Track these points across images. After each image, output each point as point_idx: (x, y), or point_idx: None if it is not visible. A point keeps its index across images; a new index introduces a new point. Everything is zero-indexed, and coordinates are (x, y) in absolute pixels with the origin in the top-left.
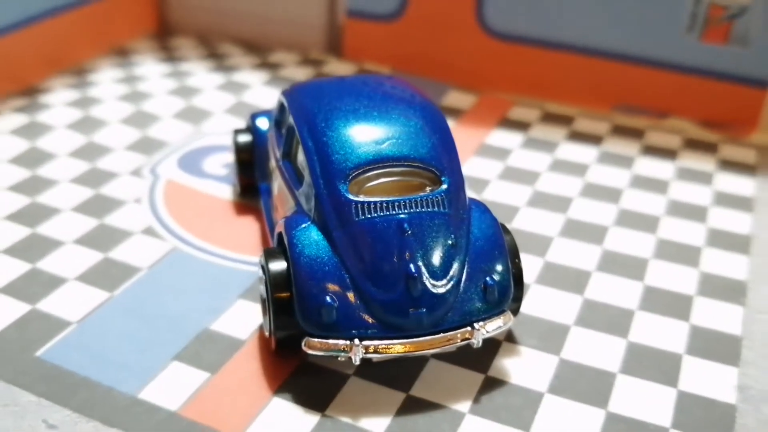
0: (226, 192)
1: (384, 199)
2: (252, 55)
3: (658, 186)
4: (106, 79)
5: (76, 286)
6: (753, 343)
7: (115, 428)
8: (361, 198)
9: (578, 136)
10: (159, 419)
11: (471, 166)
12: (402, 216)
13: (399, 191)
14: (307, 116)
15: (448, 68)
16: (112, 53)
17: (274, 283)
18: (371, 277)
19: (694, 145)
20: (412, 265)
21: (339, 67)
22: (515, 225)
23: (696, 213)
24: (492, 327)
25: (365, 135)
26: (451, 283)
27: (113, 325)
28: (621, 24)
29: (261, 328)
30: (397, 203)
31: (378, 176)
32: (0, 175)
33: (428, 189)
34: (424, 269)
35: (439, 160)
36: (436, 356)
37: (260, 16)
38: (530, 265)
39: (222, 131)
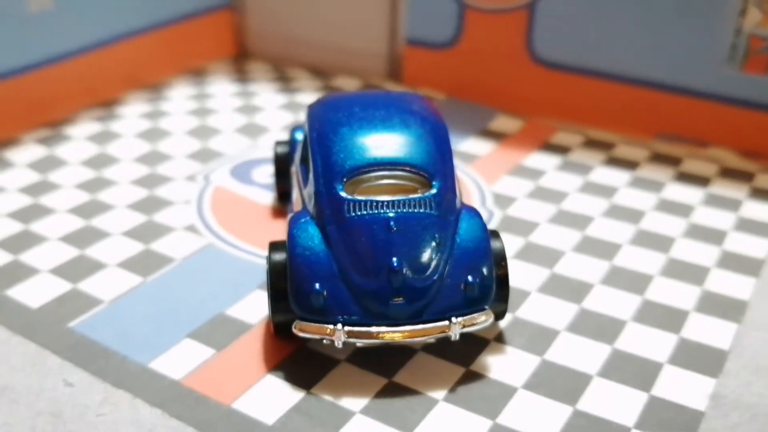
0: (267, 198)
1: (374, 198)
2: (317, 79)
3: (682, 210)
4: (179, 96)
5: (115, 271)
6: (739, 357)
7: (122, 390)
8: (354, 197)
9: (615, 161)
10: (162, 385)
11: (501, 185)
12: (390, 215)
13: (391, 193)
14: (318, 123)
15: (497, 94)
16: (189, 74)
17: (274, 271)
18: (358, 269)
19: (730, 174)
20: (394, 259)
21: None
22: (531, 239)
23: (714, 236)
24: (470, 323)
25: (365, 140)
26: (432, 277)
27: (140, 305)
28: (663, 54)
29: (269, 315)
30: (386, 203)
31: (373, 178)
32: (69, 174)
33: (418, 192)
34: (406, 263)
35: (432, 166)
36: (424, 348)
37: (327, 45)
38: (535, 275)
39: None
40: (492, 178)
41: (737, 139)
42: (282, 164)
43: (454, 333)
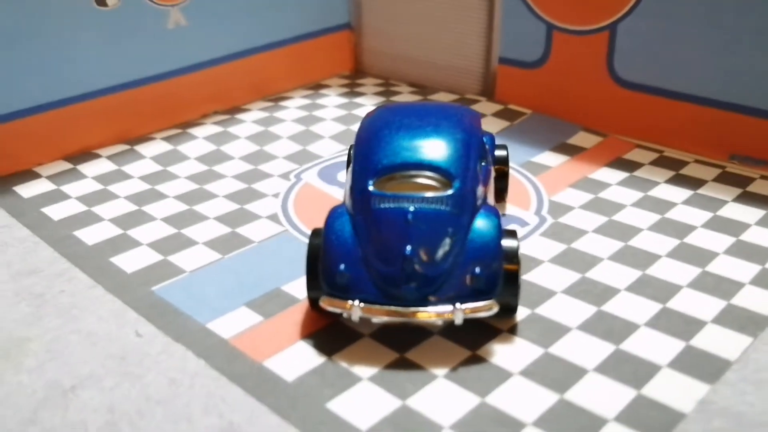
0: None
1: (397, 193)
2: (417, 93)
3: (732, 228)
4: (293, 106)
5: (201, 248)
6: (743, 368)
7: (179, 344)
8: (381, 191)
9: (681, 179)
10: (212, 342)
11: (561, 195)
12: (410, 209)
13: (416, 190)
14: (364, 130)
15: (580, 111)
16: (308, 87)
17: (311, 254)
18: (377, 254)
19: None
20: (408, 248)
21: (486, 107)
22: (574, 245)
23: (759, 255)
24: (472, 310)
25: (399, 144)
26: (442, 267)
27: (214, 277)
28: (738, 75)
29: None
30: (407, 198)
31: (401, 177)
32: (185, 167)
33: (439, 190)
34: (418, 252)
35: (455, 169)
36: (440, 332)
37: (429, 62)
38: (565, 278)
39: None
40: (555, 188)
41: None
42: None
43: (457, 318)
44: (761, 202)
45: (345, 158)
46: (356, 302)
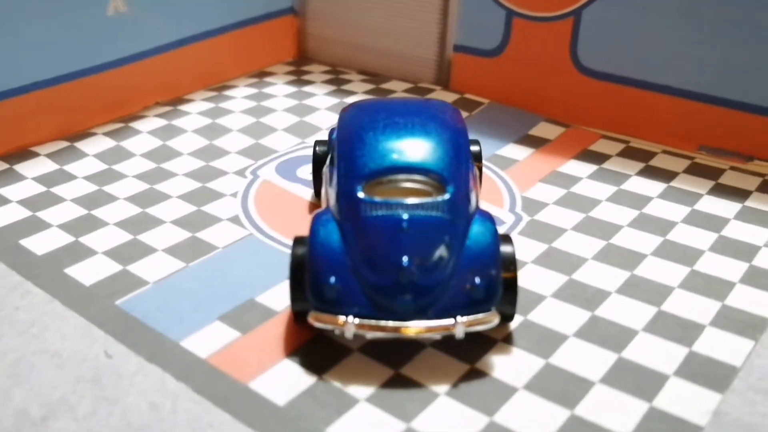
0: (307, 194)
1: (389, 200)
2: (369, 83)
3: (714, 223)
4: (240, 95)
5: (162, 256)
6: (748, 376)
7: (154, 364)
8: (371, 197)
9: (652, 171)
10: (190, 362)
11: (534, 191)
12: (403, 216)
13: (407, 195)
14: (345, 128)
15: (541, 101)
16: (252, 75)
17: (295, 264)
18: (369, 265)
19: None
20: (404, 258)
21: (442, 96)
22: (555, 245)
23: (743, 251)
24: (474, 322)
25: (385, 145)
26: (439, 277)
27: (180, 288)
28: (709, 66)
29: None
30: (400, 205)
31: (390, 181)
32: (132, 166)
33: (433, 195)
34: (413, 262)
35: (448, 172)
36: (433, 344)
37: (381, 50)
38: (553, 280)
39: None
40: (526, 184)
41: None
42: (320, 163)
43: (459, 331)
44: (735, 194)
45: (304, 152)
46: (350, 318)
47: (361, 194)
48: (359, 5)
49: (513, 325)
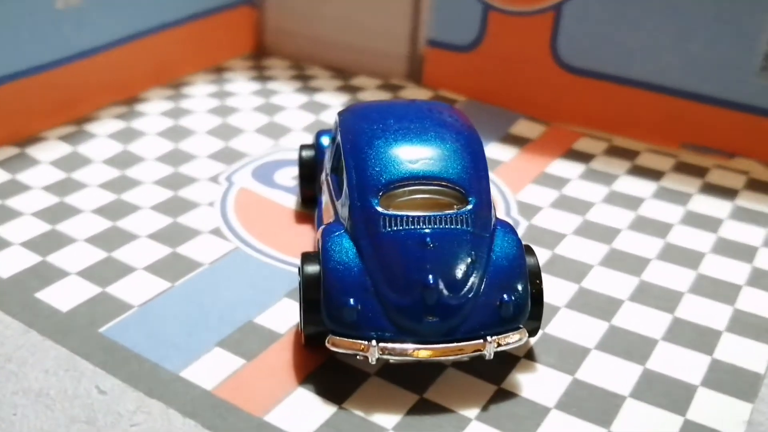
0: (290, 201)
1: (410, 213)
2: (337, 78)
3: (710, 223)
4: (199, 93)
5: (143, 275)
6: None
7: (155, 399)
8: (390, 211)
9: (640, 171)
10: (194, 395)
11: (526, 193)
12: (426, 231)
13: (427, 208)
14: (352, 135)
15: (520, 98)
16: (209, 70)
17: (306, 283)
18: (391, 284)
19: (757, 186)
20: (429, 276)
21: (415, 93)
22: (558, 251)
23: (744, 252)
24: (504, 341)
25: (400, 154)
26: (467, 296)
27: (169, 311)
28: (692, 63)
29: (298, 324)
30: (422, 219)
31: (408, 192)
32: (93, 173)
33: (455, 207)
34: (440, 281)
35: (468, 181)
36: (455, 365)
37: (348, 44)
38: (563, 290)
39: (297, 147)
40: (517, 186)
41: (765, 151)
42: (307, 169)
43: (489, 352)
44: (725, 194)
45: (279, 156)
46: (373, 343)
47: (379, 208)
48: None
49: (533, 339)
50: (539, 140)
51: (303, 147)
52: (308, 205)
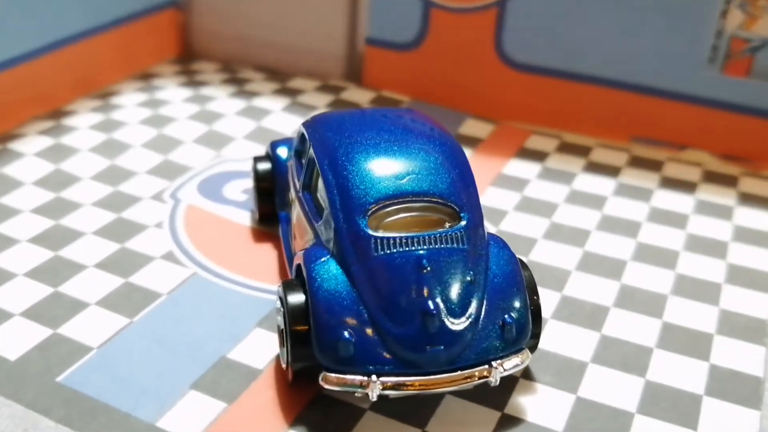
0: (245, 218)
1: (403, 234)
2: (273, 81)
3: (676, 220)
4: (129, 103)
5: (97, 311)
6: None
7: None
8: (380, 233)
9: (596, 168)
10: None
11: (488, 197)
12: (421, 252)
13: (418, 226)
14: (328, 149)
15: (466, 97)
16: (136, 77)
17: (293, 315)
18: (389, 313)
19: (713, 178)
20: (430, 302)
21: (357, 94)
22: (532, 258)
23: (716, 248)
24: (510, 365)
25: (385, 170)
26: (469, 320)
27: (133, 350)
28: (640, 56)
29: (278, 357)
30: (415, 239)
31: (397, 211)
32: (24, 197)
33: (447, 225)
34: (441, 306)
35: (459, 196)
36: (453, 393)
37: (281, 45)
38: (547, 300)
39: (242, 157)
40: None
41: (715, 142)
42: (264, 183)
43: (495, 378)
44: (683, 187)
45: (224, 167)
46: (374, 378)
47: (368, 231)
48: None
49: None
50: (490, 140)
51: (257, 159)
52: (266, 223)
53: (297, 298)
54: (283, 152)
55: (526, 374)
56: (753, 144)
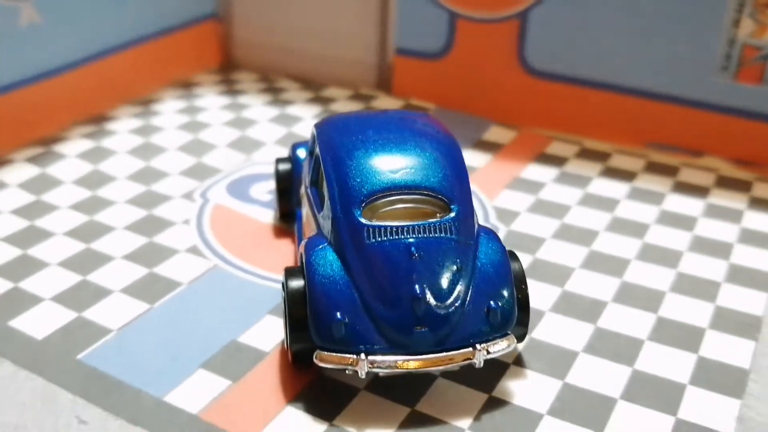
0: (268, 216)
1: (394, 224)
2: (306, 90)
3: (685, 222)
4: (169, 110)
5: (120, 298)
6: (760, 377)
7: (139, 427)
8: (374, 222)
9: (612, 172)
10: (180, 421)
11: (502, 199)
12: (411, 240)
13: (410, 217)
14: (331, 146)
15: (490, 105)
16: (177, 86)
17: (292, 299)
18: (379, 297)
19: (727, 183)
20: (417, 287)
21: (387, 103)
22: (538, 255)
23: (720, 249)
24: (493, 349)
25: (381, 164)
26: (455, 305)
27: (150, 333)
28: (655, 64)
29: (283, 342)
30: (406, 228)
31: (391, 203)
32: (63, 194)
33: (438, 216)
34: (428, 291)
35: (450, 189)
36: (444, 375)
37: (316, 55)
38: (547, 294)
39: (270, 160)
40: (492, 192)
41: (730, 148)
42: (284, 183)
43: (479, 359)
44: (695, 192)
45: (253, 170)
46: (362, 356)
47: (362, 219)
48: (289, 8)
49: (521, 345)
50: (511, 145)
51: (279, 160)
52: (286, 220)
53: (296, 283)
54: (301, 153)
55: (518, 361)
56: (767, 150)
